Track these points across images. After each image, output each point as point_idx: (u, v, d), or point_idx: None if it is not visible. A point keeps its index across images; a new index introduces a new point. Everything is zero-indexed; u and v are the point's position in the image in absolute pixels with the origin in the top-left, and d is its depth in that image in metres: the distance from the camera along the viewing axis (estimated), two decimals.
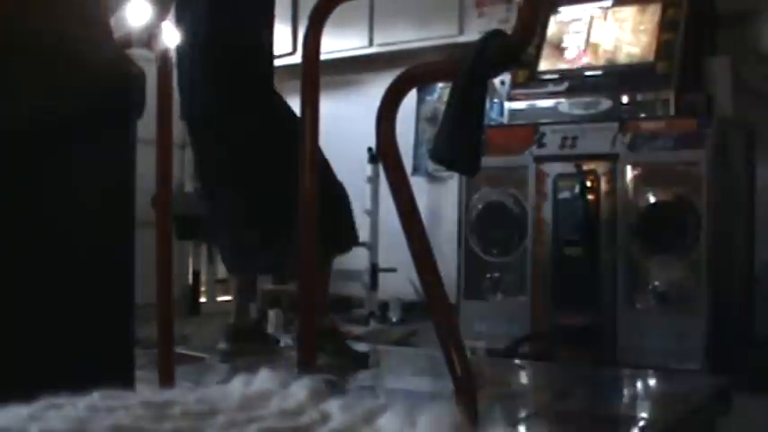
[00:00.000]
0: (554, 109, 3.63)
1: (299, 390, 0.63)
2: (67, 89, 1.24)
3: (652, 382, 2.52)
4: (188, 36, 2.87)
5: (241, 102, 2.92)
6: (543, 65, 3.80)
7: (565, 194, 3.45)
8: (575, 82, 3.65)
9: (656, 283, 3.23)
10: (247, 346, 2.93)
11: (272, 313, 3.92)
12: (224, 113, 2.92)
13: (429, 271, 1.23)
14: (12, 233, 1.16)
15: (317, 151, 1.53)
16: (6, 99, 1.14)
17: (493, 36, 1.17)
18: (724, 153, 3.36)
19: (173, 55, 2.03)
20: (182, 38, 2.82)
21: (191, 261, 5.02)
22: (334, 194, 2.88)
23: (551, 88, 3.68)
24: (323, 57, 1.48)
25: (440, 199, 4.79)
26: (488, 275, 3.64)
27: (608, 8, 3.80)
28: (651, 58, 3.51)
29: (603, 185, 3.37)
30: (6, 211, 1.16)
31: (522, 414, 2.05)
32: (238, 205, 3.01)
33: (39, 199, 1.21)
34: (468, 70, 1.15)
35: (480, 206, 3.66)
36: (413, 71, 1.34)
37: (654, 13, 3.63)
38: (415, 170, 4.86)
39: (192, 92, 2.92)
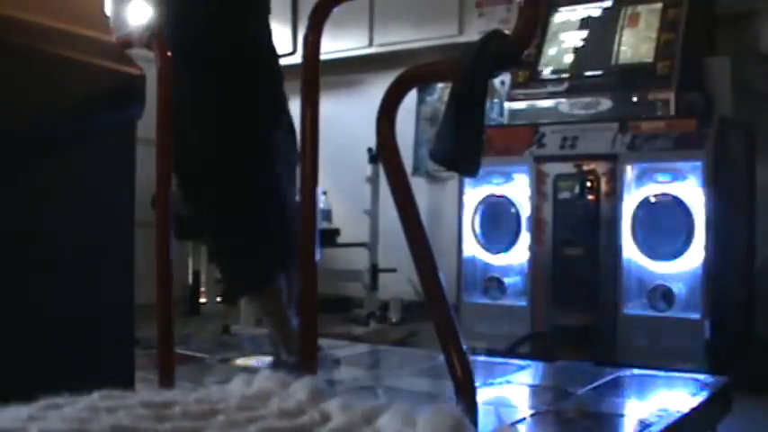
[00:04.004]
0: (554, 109, 3.63)
1: (299, 390, 0.63)
2: (68, 89, 1.24)
3: (652, 381, 2.52)
4: (183, 35, 2.85)
5: (239, 101, 2.92)
6: (543, 65, 3.80)
7: (565, 194, 3.45)
8: (575, 82, 3.65)
9: (656, 283, 3.23)
10: None
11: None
12: (222, 114, 2.91)
13: (429, 271, 1.22)
14: (12, 233, 1.16)
15: (317, 154, 1.52)
16: (7, 99, 1.14)
17: (493, 36, 1.17)
18: (724, 153, 3.35)
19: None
20: (175, 37, 2.81)
21: (191, 261, 5.02)
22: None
23: (551, 88, 3.68)
24: (323, 57, 1.48)
25: (440, 199, 4.80)
26: (488, 275, 3.64)
27: (608, 8, 3.80)
28: (651, 58, 3.51)
29: (603, 185, 3.37)
30: (6, 210, 1.16)
31: (523, 414, 2.05)
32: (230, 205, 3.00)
33: (39, 198, 1.21)
34: (468, 70, 1.15)
35: (480, 206, 3.66)
36: (413, 71, 1.33)
37: (654, 13, 3.63)
38: (415, 170, 4.86)
39: (185, 94, 2.89)
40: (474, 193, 3.67)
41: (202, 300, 5.07)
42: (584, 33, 3.80)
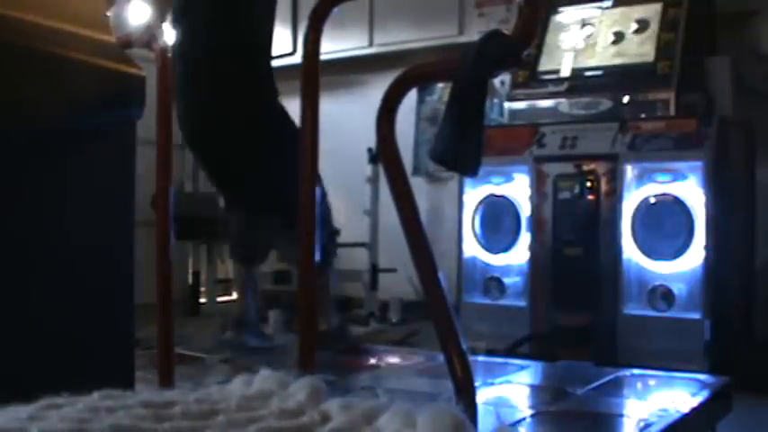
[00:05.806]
0: (554, 109, 3.63)
1: (299, 390, 0.63)
2: (67, 89, 1.24)
3: (652, 381, 2.52)
4: (187, 38, 2.86)
5: (243, 104, 2.93)
6: (543, 65, 3.80)
7: (565, 194, 3.45)
8: (575, 82, 3.65)
9: (656, 283, 3.23)
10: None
11: (271, 313, 3.92)
12: (227, 118, 2.93)
13: (429, 271, 1.22)
14: (12, 233, 1.16)
15: (317, 154, 1.52)
16: (6, 99, 1.14)
17: (493, 36, 1.17)
18: (724, 153, 3.35)
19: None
20: (180, 40, 2.82)
21: (191, 261, 5.02)
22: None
23: (551, 88, 3.68)
24: (323, 57, 1.47)
25: (440, 199, 4.79)
26: (488, 275, 3.64)
27: (608, 8, 3.80)
28: (651, 58, 3.51)
29: (603, 185, 3.37)
30: (6, 211, 1.16)
31: (523, 414, 2.05)
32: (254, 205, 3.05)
33: (39, 199, 1.21)
34: (468, 70, 1.15)
35: (480, 206, 3.66)
36: (413, 71, 1.33)
37: (654, 13, 3.63)
38: (415, 170, 4.86)
39: (191, 99, 2.90)
40: (474, 193, 3.67)
41: (202, 300, 5.07)
42: (585, 33, 3.80)
